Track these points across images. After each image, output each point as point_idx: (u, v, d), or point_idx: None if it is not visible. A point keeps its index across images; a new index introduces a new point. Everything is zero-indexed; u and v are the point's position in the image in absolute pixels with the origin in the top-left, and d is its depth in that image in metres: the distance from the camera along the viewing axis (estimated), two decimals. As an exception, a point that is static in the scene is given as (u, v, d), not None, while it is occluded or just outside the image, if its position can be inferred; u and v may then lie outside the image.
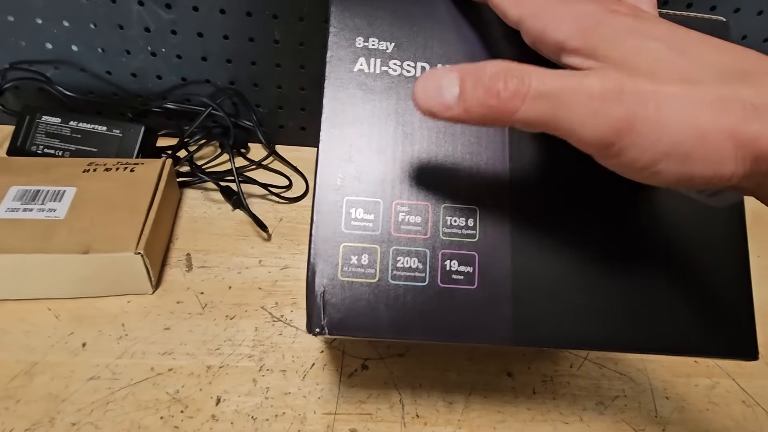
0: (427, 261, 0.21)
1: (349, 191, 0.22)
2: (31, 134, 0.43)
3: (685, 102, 0.15)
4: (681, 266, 0.23)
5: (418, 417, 0.32)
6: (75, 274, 0.34)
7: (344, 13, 0.23)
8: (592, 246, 0.22)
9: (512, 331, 0.21)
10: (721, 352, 0.23)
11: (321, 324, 0.21)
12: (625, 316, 0.22)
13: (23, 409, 0.30)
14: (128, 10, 0.42)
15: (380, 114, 0.22)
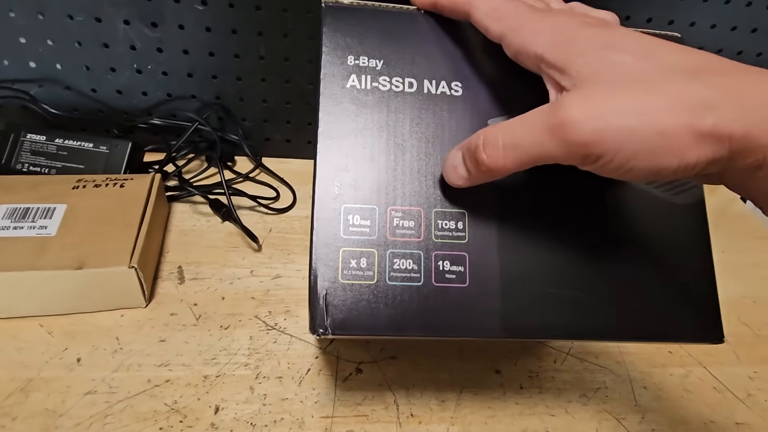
0: (421, 262, 0.23)
1: (346, 199, 0.23)
2: (15, 152, 0.43)
3: (648, 106, 0.17)
4: (651, 260, 0.25)
5: (412, 416, 0.33)
6: (68, 290, 0.34)
7: (335, 33, 0.24)
8: (571, 244, 0.24)
9: (501, 325, 0.23)
10: (691, 337, 0.25)
11: (324, 325, 0.22)
12: (602, 307, 0.24)
13: (20, 426, 0.30)
14: (114, 28, 0.42)
15: (372, 126, 0.23)
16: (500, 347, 0.38)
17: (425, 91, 0.24)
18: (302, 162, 0.53)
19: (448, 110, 0.24)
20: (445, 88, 0.24)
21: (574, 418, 0.34)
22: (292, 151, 0.53)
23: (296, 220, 0.47)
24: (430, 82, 0.24)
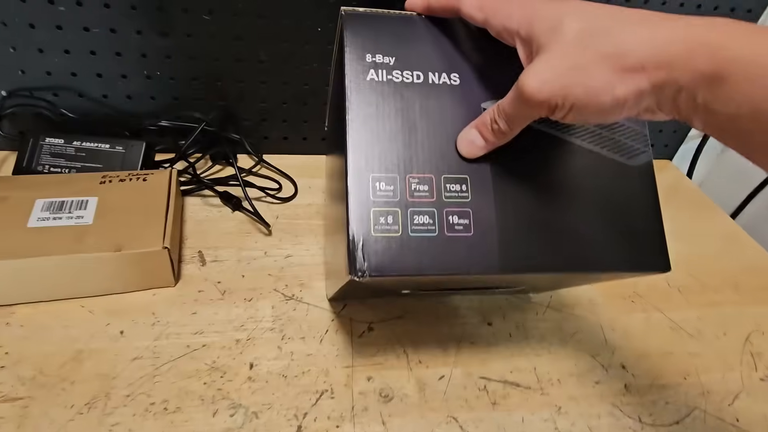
0: (435, 217, 0.28)
1: (373, 170, 0.28)
2: (36, 155, 0.46)
3: (581, 62, 0.22)
4: (613, 209, 0.31)
5: (420, 363, 0.39)
6: (107, 272, 0.38)
7: (355, 36, 0.29)
8: (550, 199, 0.30)
9: (499, 264, 0.28)
10: (647, 267, 0.31)
11: (363, 269, 0.27)
12: (576, 246, 0.30)
13: (79, 388, 0.33)
14: (127, 38, 0.46)
15: (390, 111, 0.29)
16: (490, 304, 0.44)
17: (430, 81, 0.29)
18: (299, 157, 0.58)
19: (448, 97, 0.30)
20: (446, 78, 0.30)
21: (556, 357, 0.41)
22: (289, 148, 0.58)
23: (300, 208, 0.52)
24: (434, 74, 0.29)
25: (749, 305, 0.48)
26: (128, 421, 0.32)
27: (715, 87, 0.19)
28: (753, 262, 0.54)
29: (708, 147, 0.71)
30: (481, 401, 0.36)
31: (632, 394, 0.39)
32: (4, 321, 0.37)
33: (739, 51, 0.19)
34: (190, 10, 0.46)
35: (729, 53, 0.19)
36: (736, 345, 0.44)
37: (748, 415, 0.38)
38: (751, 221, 0.70)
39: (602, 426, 0.36)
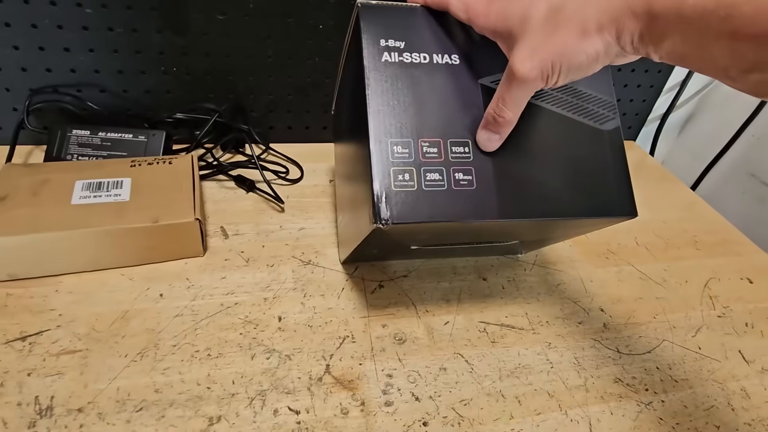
0: (444, 174, 0.33)
1: (391, 136, 0.33)
2: (64, 145, 0.50)
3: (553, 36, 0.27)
4: (589, 165, 0.36)
5: (427, 312, 0.44)
6: (144, 243, 0.42)
7: (370, 24, 0.34)
8: (536, 157, 0.35)
9: (497, 212, 0.34)
10: (618, 212, 0.36)
11: (386, 218, 0.32)
12: (558, 196, 0.35)
13: (129, 341, 0.38)
14: (147, 37, 0.51)
15: (402, 87, 0.34)
16: (484, 263, 0.50)
17: (434, 62, 0.35)
18: (302, 145, 0.63)
19: (451, 74, 0.35)
20: (447, 59, 0.35)
21: (543, 304, 0.46)
22: (293, 136, 0.63)
23: (307, 188, 0.57)
24: (437, 55, 0.35)
25: (707, 258, 0.55)
26: (177, 365, 0.36)
27: (652, 23, 0.24)
28: (710, 224, 0.61)
29: (666, 128, 0.79)
30: (482, 340, 0.42)
31: (610, 331, 0.45)
32: (53, 289, 0.41)
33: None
34: (206, 11, 0.51)
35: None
36: (697, 290, 0.51)
37: (708, 345, 0.45)
38: (708, 192, 0.78)
39: (586, 356, 0.42)
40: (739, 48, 0.22)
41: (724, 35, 0.22)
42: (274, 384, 0.36)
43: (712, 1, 0.22)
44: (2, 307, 0.39)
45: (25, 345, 0.36)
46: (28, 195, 0.41)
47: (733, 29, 0.22)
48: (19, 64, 0.50)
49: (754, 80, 0.23)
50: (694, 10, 0.23)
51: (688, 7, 0.23)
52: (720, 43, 0.22)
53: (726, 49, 0.22)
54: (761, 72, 0.22)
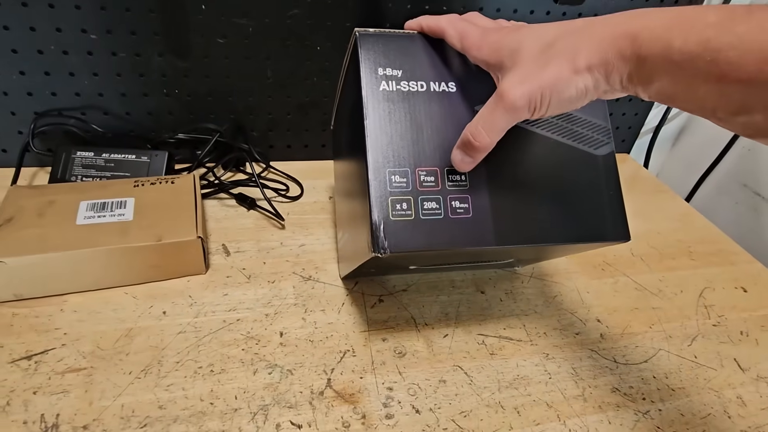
0: (441, 203, 0.34)
1: (389, 165, 0.34)
2: (69, 167, 0.51)
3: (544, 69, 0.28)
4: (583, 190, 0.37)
5: (426, 325, 0.45)
6: (148, 261, 0.43)
7: (368, 53, 0.35)
8: (531, 184, 0.35)
9: (493, 239, 0.34)
10: (611, 237, 0.37)
11: (384, 246, 0.32)
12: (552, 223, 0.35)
13: (133, 358, 0.38)
14: (149, 61, 0.52)
15: (400, 116, 0.34)
16: (482, 276, 0.51)
17: (431, 90, 0.35)
18: (302, 163, 0.64)
19: (447, 102, 0.35)
20: (444, 86, 0.36)
21: (541, 316, 0.47)
22: (292, 154, 0.64)
23: (307, 206, 0.58)
24: (434, 83, 0.36)
25: (702, 268, 0.56)
26: (181, 381, 0.37)
27: (641, 66, 0.25)
28: (704, 234, 0.62)
29: (659, 141, 0.80)
30: (480, 352, 0.43)
31: (607, 341, 0.45)
32: (58, 308, 0.41)
33: (648, 35, 0.25)
34: (207, 35, 0.52)
35: (642, 39, 0.25)
36: (692, 299, 0.52)
37: (704, 353, 0.46)
38: (702, 202, 0.79)
39: (584, 367, 0.43)
40: (726, 91, 0.22)
41: (711, 78, 0.23)
42: (276, 399, 0.37)
43: (698, 46, 0.23)
44: (8, 326, 0.39)
45: (31, 364, 0.37)
46: (34, 216, 0.42)
47: (720, 73, 0.22)
48: (25, 89, 0.52)
49: (742, 122, 0.23)
50: (681, 55, 0.23)
51: (676, 51, 0.23)
52: (707, 86, 0.23)
53: (713, 91, 0.23)
54: (749, 114, 0.23)
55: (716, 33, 0.22)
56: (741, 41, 0.21)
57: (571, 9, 0.59)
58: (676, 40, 0.23)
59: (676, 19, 0.24)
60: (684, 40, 0.23)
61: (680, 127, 0.83)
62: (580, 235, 0.37)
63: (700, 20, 0.23)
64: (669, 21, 0.24)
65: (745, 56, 0.21)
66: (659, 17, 0.25)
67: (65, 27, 0.49)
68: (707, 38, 0.22)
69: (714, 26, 0.22)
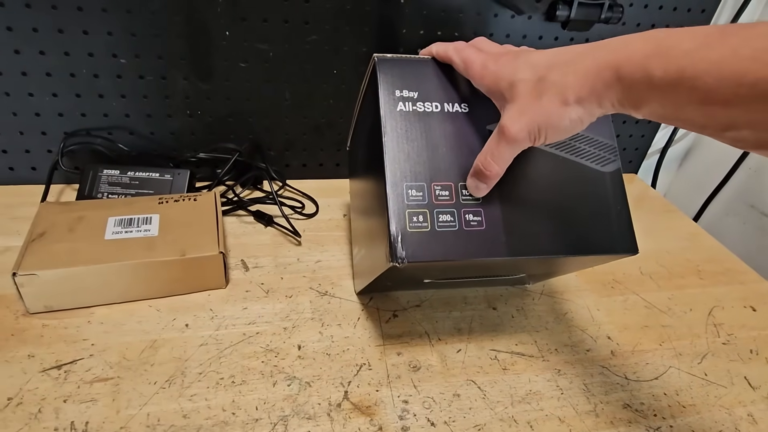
0: (455, 216, 0.36)
1: (406, 180, 0.35)
2: (96, 184, 0.54)
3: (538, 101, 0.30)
4: (592, 205, 0.38)
5: (440, 340, 0.46)
6: (171, 275, 0.45)
7: (386, 76, 0.37)
8: (542, 198, 0.37)
9: (505, 250, 0.36)
10: (620, 250, 0.38)
11: (402, 256, 0.34)
12: (563, 235, 0.37)
13: (158, 369, 0.40)
14: (175, 84, 0.55)
15: (416, 135, 0.36)
16: (493, 293, 0.52)
17: (445, 110, 0.37)
18: (317, 181, 0.66)
19: (461, 122, 0.37)
20: (457, 107, 0.38)
21: (552, 332, 0.48)
22: (308, 173, 0.66)
23: (322, 222, 0.59)
24: (448, 104, 0.37)
25: (711, 287, 0.57)
26: (204, 392, 0.38)
27: (628, 92, 0.27)
28: (712, 254, 0.63)
29: (667, 161, 0.82)
30: (493, 368, 0.44)
31: (618, 358, 0.46)
32: (86, 320, 0.43)
33: (629, 66, 0.26)
34: (229, 60, 0.55)
35: (624, 70, 0.26)
36: (701, 318, 0.52)
37: (714, 371, 0.46)
38: (710, 222, 0.80)
39: (595, 383, 0.43)
40: (710, 112, 0.23)
41: (693, 101, 0.24)
42: (296, 410, 0.38)
43: (677, 74, 0.24)
44: (39, 337, 0.41)
45: (61, 373, 0.38)
46: (65, 231, 0.44)
47: (701, 97, 0.23)
48: (56, 110, 0.54)
49: (731, 137, 0.24)
50: (663, 81, 0.24)
51: (657, 79, 0.25)
52: (691, 108, 0.24)
53: (698, 112, 0.24)
54: (736, 130, 0.24)
55: (692, 60, 0.23)
56: (716, 67, 0.22)
57: (579, 35, 0.62)
58: (656, 69, 0.25)
59: (656, 47, 0.25)
60: (663, 69, 0.24)
61: (687, 148, 0.85)
62: (589, 247, 0.38)
63: (677, 47, 0.24)
64: (649, 49, 0.25)
65: (721, 82, 0.22)
66: (640, 47, 0.26)
67: (97, 52, 0.51)
68: (684, 66, 0.23)
69: (690, 53, 0.23)
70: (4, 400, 0.36)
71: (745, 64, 0.21)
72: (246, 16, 0.53)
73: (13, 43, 0.49)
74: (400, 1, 0.54)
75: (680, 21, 0.65)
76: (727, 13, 0.70)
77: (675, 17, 0.64)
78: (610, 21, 0.58)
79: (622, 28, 0.62)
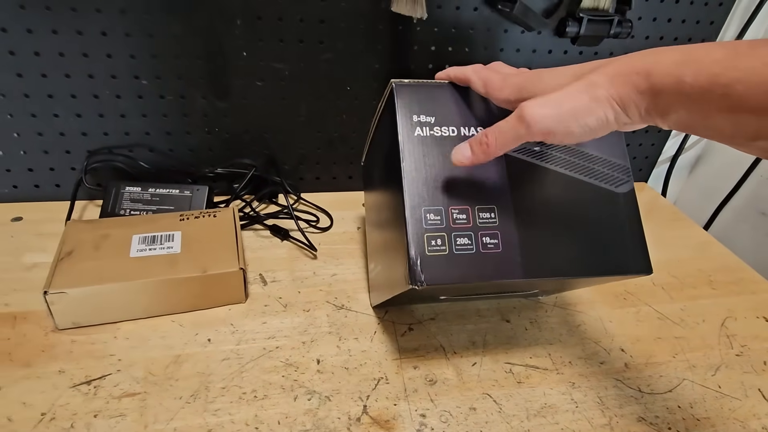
0: (473, 239, 0.36)
1: (424, 204, 0.36)
2: (118, 201, 0.55)
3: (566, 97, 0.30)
4: (605, 225, 0.39)
5: (455, 353, 0.46)
6: (194, 291, 0.46)
7: (404, 101, 0.38)
8: (557, 221, 0.38)
9: (522, 272, 0.37)
10: (634, 270, 0.38)
11: (421, 279, 0.35)
12: (578, 256, 0.37)
13: (183, 383, 0.41)
14: (193, 102, 0.57)
15: (434, 159, 0.37)
16: (507, 305, 0.53)
17: (462, 134, 0.38)
18: (330, 194, 0.68)
19: None
20: (473, 131, 0.38)
21: (566, 345, 0.49)
22: (321, 186, 0.67)
23: (337, 236, 0.61)
24: (464, 128, 0.38)
25: (723, 297, 0.57)
26: (227, 407, 0.39)
27: (657, 99, 0.27)
28: (724, 263, 0.64)
29: (677, 169, 0.82)
30: (508, 381, 0.44)
31: (631, 371, 0.47)
32: (112, 335, 0.44)
33: (660, 70, 0.26)
34: (246, 79, 0.56)
35: (655, 75, 0.27)
36: (714, 329, 0.53)
37: (728, 383, 0.47)
38: (721, 231, 0.80)
39: (610, 396, 0.44)
40: (740, 120, 0.24)
41: (723, 109, 0.24)
42: (316, 424, 0.39)
43: (708, 81, 0.24)
44: (68, 353, 0.42)
45: (90, 388, 0.40)
46: (92, 249, 0.46)
47: (731, 105, 0.24)
48: (81, 130, 0.56)
49: (760, 146, 0.25)
50: (693, 89, 0.25)
51: (687, 85, 0.25)
52: (721, 116, 0.24)
53: (728, 120, 0.24)
54: (765, 140, 0.24)
55: (723, 68, 0.24)
56: (747, 75, 0.23)
57: (588, 50, 0.62)
58: (687, 75, 0.25)
59: (686, 55, 0.26)
60: (694, 75, 0.25)
61: (697, 156, 0.85)
62: (604, 268, 0.38)
63: (707, 57, 0.25)
64: (679, 57, 0.26)
65: (753, 89, 0.23)
66: (670, 54, 0.27)
67: (120, 74, 0.53)
68: (716, 73, 0.24)
69: (721, 62, 0.24)
70: (38, 415, 0.37)
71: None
72: (263, 36, 0.54)
73: (40, 67, 0.51)
74: (412, 20, 0.55)
75: (689, 34, 0.65)
76: (734, 26, 0.70)
77: (684, 30, 0.65)
78: (620, 36, 0.59)
79: (631, 42, 0.62)
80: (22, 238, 0.55)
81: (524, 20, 0.56)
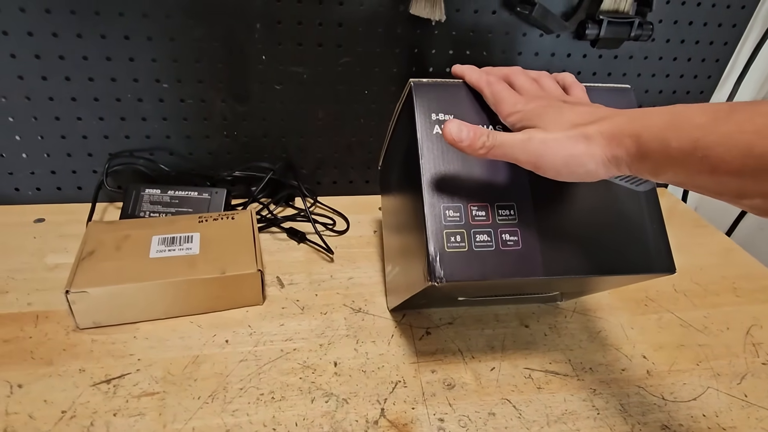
0: (492, 236, 0.36)
1: (443, 201, 0.36)
2: (138, 203, 0.56)
3: (562, 141, 0.31)
4: (628, 224, 0.38)
5: (473, 358, 0.46)
6: (212, 292, 0.46)
7: (422, 100, 0.38)
8: (577, 219, 0.38)
9: (542, 270, 0.36)
10: (657, 269, 0.38)
11: (441, 276, 0.34)
12: (600, 254, 0.37)
13: (201, 384, 0.41)
14: (213, 106, 0.57)
15: (452, 157, 0.37)
16: (525, 311, 0.52)
17: None
18: (347, 198, 0.68)
19: None
20: (491, 129, 0.38)
21: (586, 351, 0.48)
22: (338, 190, 0.67)
23: (353, 239, 0.61)
24: (482, 126, 0.38)
25: (747, 305, 0.56)
26: (245, 407, 0.39)
27: (646, 161, 0.28)
28: (748, 270, 0.62)
29: (698, 175, 0.81)
30: (528, 386, 0.44)
31: (654, 378, 0.46)
32: (131, 335, 0.45)
33: (648, 135, 0.28)
34: (265, 83, 0.57)
35: (643, 139, 0.28)
36: (739, 337, 0.51)
37: (755, 392, 0.45)
38: (743, 237, 0.78)
39: (632, 403, 0.43)
40: (722, 180, 0.25)
41: (705, 171, 0.25)
42: (334, 427, 0.39)
43: (690, 145, 0.25)
44: (89, 352, 0.43)
45: (110, 387, 0.40)
46: (113, 249, 0.46)
47: (712, 167, 0.25)
48: (102, 132, 0.57)
49: (748, 204, 0.25)
50: (677, 152, 0.26)
51: (673, 149, 0.26)
52: (705, 177, 0.25)
53: (712, 181, 0.25)
54: (749, 198, 0.25)
55: (703, 133, 0.25)
56: (725, 139, 0.24)
57: (608, 53, 0.62)
58: (672, 140, 0.26)
59: (671, 120, 0.27)
60: (678, 139, 0.26)
61: (718, 162, 0.83)
62: (626, 267, 0.38)
63: (689, 121, 0.26)
64: (665, 121, 0.27)
65: (730, 152, 0.24)
66: (658, 118, 0.28)
67: (141, 78, 0.54)
68: (696, 138, 0.25)
69: (702, 127, 0.25)
70: (58, 412, 0.38)
71: (751, 137, 0.23)
72: (282, 41, 0.55)
73: (64, 70, 0.52)
74: (430, 23, 0.55)
75: (711, 37, 0.64)
76: (757, 29, 0.69)
77: (705, 33, 0.64)
78: (640, 38, 0.58)
79: (651, 45, 0.62)
80: (44, 239, 0.56)
81: (543, 23, 0.56)
